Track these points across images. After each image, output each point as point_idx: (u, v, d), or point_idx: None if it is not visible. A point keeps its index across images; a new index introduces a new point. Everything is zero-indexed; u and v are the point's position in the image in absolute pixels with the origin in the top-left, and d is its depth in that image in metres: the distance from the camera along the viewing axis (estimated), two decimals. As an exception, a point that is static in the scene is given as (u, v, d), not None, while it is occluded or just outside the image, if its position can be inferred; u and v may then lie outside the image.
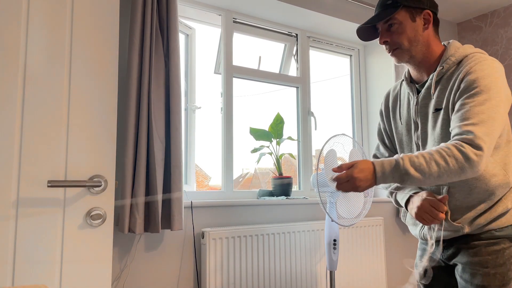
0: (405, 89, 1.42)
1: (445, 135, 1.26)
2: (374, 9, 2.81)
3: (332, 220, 2.04)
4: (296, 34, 2.80)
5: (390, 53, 1.33)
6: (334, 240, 2.08)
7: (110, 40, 1.32)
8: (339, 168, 1.21)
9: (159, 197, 1.80)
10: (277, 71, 2.78)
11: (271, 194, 2.43)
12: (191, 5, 2.35)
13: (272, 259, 2.17)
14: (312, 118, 2.77)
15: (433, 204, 1.25)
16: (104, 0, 1.32)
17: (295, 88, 2.79)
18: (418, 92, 1.35)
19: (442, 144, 1.16)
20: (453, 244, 1.32)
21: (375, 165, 1.16)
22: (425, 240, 1.42)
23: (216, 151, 2.41)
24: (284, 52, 2.80)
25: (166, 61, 1.92)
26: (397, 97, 1.47)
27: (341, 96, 3.09)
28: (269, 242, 2.17)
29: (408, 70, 1.42)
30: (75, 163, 1.24)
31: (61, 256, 1.20)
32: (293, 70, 2.80)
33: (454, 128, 1.18)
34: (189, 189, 2.26)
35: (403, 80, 1.44)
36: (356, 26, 2.80)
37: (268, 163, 2.59)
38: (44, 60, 1.23)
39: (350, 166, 1.18)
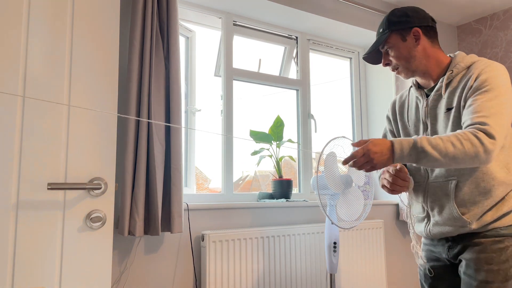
0: (413, 94, 1.49)
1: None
2: (374, 11, 2.82)
3: (332, 223, 2.04)
4: (296, 37, 2.81)
5: (395, 73, 1.45)
6: (334, 243, 2.08)
7: (111, 43, 1.32)
8: (358, 144, 1.27)
9: (159, 199, 1.80)
10: (277, 73, 2.78)
11: (271, 196, 2.43)
12: (192, 8, 2.35)
13: (272, 261, 2.17)
14: (312, 121, 2.77)
15: (397, 174, 1.39)
16: (104, 3, 1.32)
17: (295, 91, 2.79)
18: (427, 96, 1.43)
19: (458, 130, 1.22)
20: (459, 242, 1.35)
21: (393, 142, 1.22)
22: (429, 239, 1.48)
23: (216, 154, 2.41)
24: (284, 54, 2.81)
25: (166, 64, 1.93)
26: (404, 103, 1.55)
27: (341, 98, 3.09)
28: (269, 245, 2.17)
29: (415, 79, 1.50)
30: (75, 166, 1.24)
31: (60, 258, 1.20)
32: (293, 73, 2.81)
33: (466, 120, 1.24)
34: (189, 191, 2.26)
35: (411, 87, 1.52)
36: (356, 29, 2.81)
37: (268, 165, 2.59)
38: (45, 63, 1.23)
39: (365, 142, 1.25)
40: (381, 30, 1.43)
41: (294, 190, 2.68)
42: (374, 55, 1.48)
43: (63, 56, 1.25)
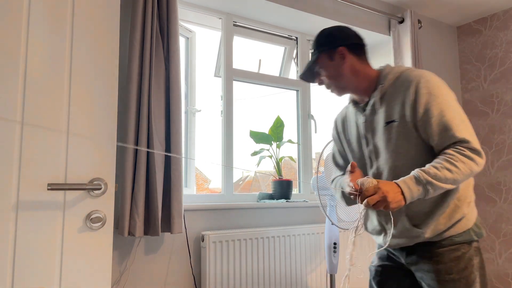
0: (351, 111, 1.52)
1: (400, 146, 1.33)
2: (374, 12, 2.82)
3: (332, 223, 2.04)
4: (296, 37, 2.81)
5: (330, 91, 1.48)
6: (334, 243, 2.08)
7: (111, 43, 1.32)
8: (362, 182, 1.24)
9: (159, 200, 1.80)
10: (277, 74, 2.78)
11: (271, 197, 2.43)
12: (192, 8, 2.35)
13: (272, 262, 2.17)
14: (312, 121, 2.77)
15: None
16: (104, 3, 1.32)
17: (295, 91, 2.79)
18: (364, 110, 1.45)
19: (445, 152, 1.23)
20: (417, 250, 1.37)
21: (400, 186, 1.21)
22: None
23: (216, 154, 2.41)
24: (284, 55, 2.81)
25: (166, 64, 1.93)
26: (345, 120, 1.57)
27: (341, 99, 3.09)
28: (269, 245, 2.17)
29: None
30: (75, 166, 1.24)
31: (60, 259, 1.20)
32: (293, 73, 2.81)
33: (442, 140, 1.26)
34: (189, 192, 2.26)
35: (349, 103, 1.55)
36: (356, 29, 2.80)
37: (268, 166, 2.59)
38: (45, 63, 1.23)
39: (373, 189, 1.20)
40: (312, 51, 1.47)
41: (294, 191, 2.68)
42: (310, 75, 1.51)
43: (63, 56, 1.25)
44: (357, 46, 1.43)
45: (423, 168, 1.22)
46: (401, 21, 2.90)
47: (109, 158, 1.28)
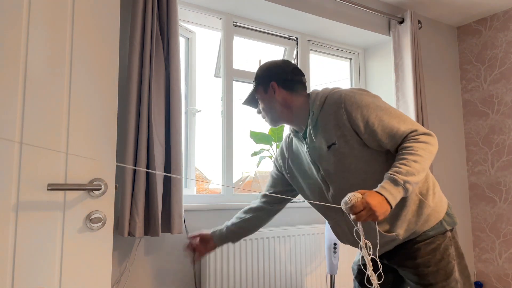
0: (293, 139, 1.58)
1: (349, 164, 1.36)
2: (374, 12, 2.82)
3: (332, 224, 2.04)
4: (296, 38, 2.81)
5: (265, 121, 1.54)
6: (335, 244, 2.08)
7: (111, 44, 1.32)
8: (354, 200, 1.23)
9: (159, 200, 1.80)
10: (277, 74, 2.78)
11: (271, 197, 2.43)
12: (192, 9, 2.35)
13: (272, 262, 2.17)
14: (312, 122, 2.77)
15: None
16: (104, 3, 1.32)
17: (295, 92, 2.79)
18: (305, 139, 1.48)
19: (403, 149, 1.27)
20: (396, 253, 1.41)
21: (383, 194, 1.21)
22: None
23: (216, 155, 2.41)
24: (284, 55, 2.81)
25: (166, 65, 1.92)
26: (291, 148, 1.59)
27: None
28: (269, 246, 2.17)
29: None
30: (75, 166, 1.24)
31: (60, 259, 1.20)
32: (293, 74, 2.80)
33: (392, 142, 1.31)
34: (189, 192, 2.25)
35: (289, 134, 1.61)
36: (355, 30, 2.81)
37: (268, 166, 2.59)
38: (45, 64, 1.23)
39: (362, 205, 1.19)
40: (253, 82, 1.54)
41: (294, 191, 2.68)
42: (251, 103, 1.57)
43: (63, 56, 1.25)
44: (289, 81, 1.48)
45: (394, 169, 1.23)
46: (401, 22, 2.90)
47: (109, 158, 1.28)
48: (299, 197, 2.63)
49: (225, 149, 2.36)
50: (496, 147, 3.15)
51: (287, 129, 2.49)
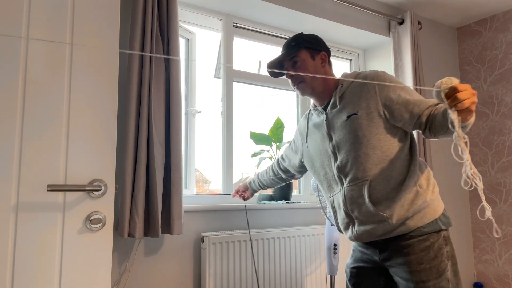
0: (313, 114, 1.63)
1: (361, 136, 1.41)
2: (374, 13, 2.82)
3: (332, 225, 2.04)
4: (296, 39, 2.81)
5: (295, 87, 1.56)
6: (335, 245, 2.08)
7: (111, 44, 1.32)
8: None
9: (159, 201, 1.79)
10: (277, 75, 2.78)
11: (271, 198, 2.43)
12: (192, 9, 2.35)
13: (272, 263, 2.16)
14: (312, 122, 2.77)
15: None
16: (104, 3, 1.32)
17: (295, 92, 2.79)
18: (325, 110, 1.55)
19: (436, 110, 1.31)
20: (389, 246, 1.43)
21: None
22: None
23: (216, 155, 2.41)
24: (284, 56, 2.81)
25: (166, 65, 1.92)
26: (306, 125, 1.67)
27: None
28: (269, 247, 2.17)
29: (313, 102, 1.64)
30: (75, 167, 1.24)
31: (60, 260, 1.20)
32: (293, 75, 2.80)
33: (420, 107, 1.35)
34: (189, 193, 2.25)
35: (309, 111, 1.68)
36: (356, 30, 2.81)
37: (268, 167, 2.58)
38: (45, 65, 1.23)
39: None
40: (293, 44, 1.54)
41: (294, 192, 2.68)
42: (283, 65, 1.57)
43: (63, 56, 1.25)
44: (330, 60, 1.59)
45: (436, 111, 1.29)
46: (401, 23, 2.90)
47: (109, 159, 1.28)
48: (299, 198, 2.63)
49: (225, 150, 2.36)
50: (496, 148, 3.15)
51: (287, 130, 2.50)
